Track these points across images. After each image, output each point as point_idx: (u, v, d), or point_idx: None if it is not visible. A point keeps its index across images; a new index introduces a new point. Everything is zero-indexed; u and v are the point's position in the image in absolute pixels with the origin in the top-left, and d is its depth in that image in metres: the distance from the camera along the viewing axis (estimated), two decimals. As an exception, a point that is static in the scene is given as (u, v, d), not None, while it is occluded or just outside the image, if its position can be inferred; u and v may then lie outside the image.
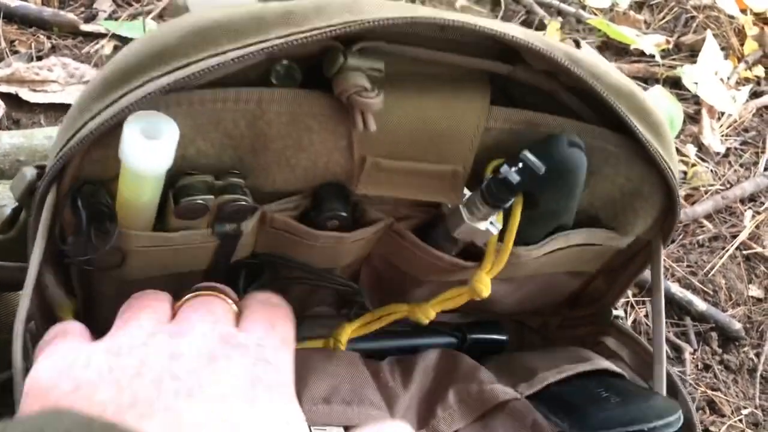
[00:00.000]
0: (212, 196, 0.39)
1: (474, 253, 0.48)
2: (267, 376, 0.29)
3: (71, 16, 1.01)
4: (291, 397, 0.30)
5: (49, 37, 0.99)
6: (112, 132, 0.36)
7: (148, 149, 0.35)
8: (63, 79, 0.93)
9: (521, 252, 0.47)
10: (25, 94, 0.91)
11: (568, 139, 0.41)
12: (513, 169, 0.41)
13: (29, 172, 0.41)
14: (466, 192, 0.44)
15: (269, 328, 0.32)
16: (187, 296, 0.34)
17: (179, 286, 0.46)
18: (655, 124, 0.44)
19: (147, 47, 0.36)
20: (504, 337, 0.57)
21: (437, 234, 0.47)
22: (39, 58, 0.96)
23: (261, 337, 0.31)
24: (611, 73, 0.42)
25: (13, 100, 0.90)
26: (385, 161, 0.41)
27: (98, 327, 0.43)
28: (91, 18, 1.03)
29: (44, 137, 0.78)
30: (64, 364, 0.29)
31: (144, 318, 0.32)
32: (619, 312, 0.57)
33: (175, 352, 0.29)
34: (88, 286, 0.44)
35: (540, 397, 0.48)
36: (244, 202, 0.40)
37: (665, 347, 0.51)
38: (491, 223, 0.44)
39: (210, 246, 0.42)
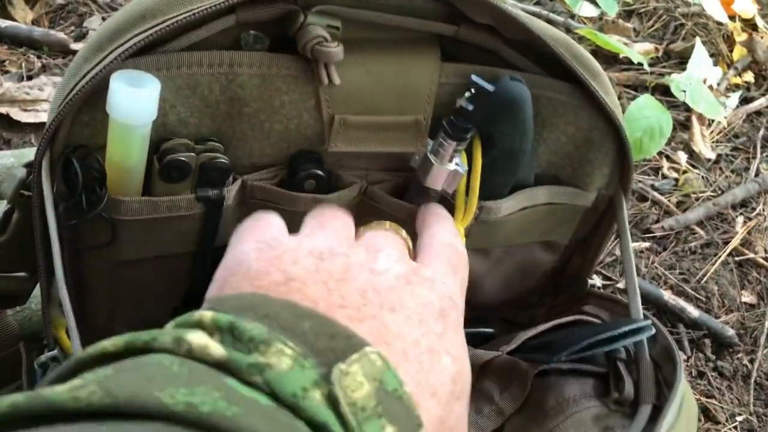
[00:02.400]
0: (194, 154, 0.42)
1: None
2: (451, 313, 0.31)
3: (61, 35, 1.02)
4: (464, 340, 0.31)
5: (39, 57, 1.00)
6: (99, 94, 0.39)
7: (134, 97, 0.38)
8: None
9: (491, 206, 0.49)
10: (16, 113, 0.91)
11: (509, 76, 0.45)
12: (466, 95, 0.44)
13: (19, 172, 0.43)
14: (430, 142, 0.47)
15: (451, 272, 0.33)
16: (370, 224, 0.36)
17: (168, 272, 0.48)
18: (596, 71, 0.47)
19: (130, 11, 0.41)
20: (491, 330, 0.58)
21: (411, 192, 0.49)
22: (29, 78, 0.97)
23: (444, 276, 0.32)
24: (547, 26, 0.46)
25: (3, 119, 0.91)
26: (351, 117, 0.45)
27: (89, 322, 0.43)
28: (81, 37, 1.04)
29: (34, 157, 0.78)
30: (273, 255, 0.30)
31: (336, 227, 0.33)
32: (595, 281, 0.58)
33: (375, 269, 0.30)
34: (78, 280, 0.45)
35: (520, 350, 0.50)
36: (224, 161, 0.43)
37: (637, 283, 0.51)
38: (457, 164, 0.46)
39: (195, 216, 0.45)
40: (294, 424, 0.22)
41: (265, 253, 0.30)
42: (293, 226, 0.48)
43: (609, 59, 1.21)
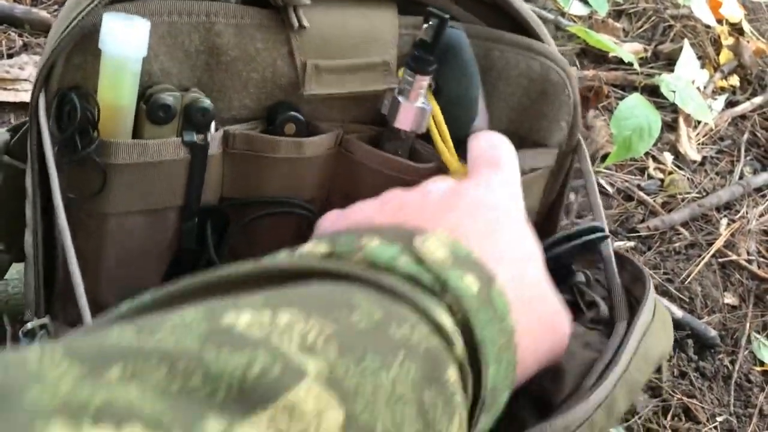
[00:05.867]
0: (178, 94, 0.45)
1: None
2: (500, 204, 0.37)
3: (44, 13, 0.99)
4: (522, 216, 0.38)
5: (20, 35, 0.97)
6: (90, 37, 0.42)
7: (126, 30, 0.41)
8: (34, 78, 0.91)
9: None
10: (-5, 92, 0.89)
11: (449, 24, 0.47)
12: (424, 26, 0.47)
13: (2, 136, 0.43)
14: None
15: (492, 172, 0.40)
16: None
17: (156, 230, 0.49)
18: (542, 25, 0.50)
19: None
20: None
21: (383, 139, 0.51)
22: (10, 56, 0.94)
23: (487, 180, 0.39)
24: None
25: (-18, 98, 0.88)
26: (323, 62, 0.48)
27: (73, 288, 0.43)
28: (64, 16, 1.01)
29: (14, 137, 0.76)
30: (344, 215, 0.40)
31: (389, 194, 0.42)
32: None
33: (425, 192, 0.38)
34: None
35: None
36: (207, 102, 0.45)
37: (601, 204, 0.53)
38: (423, 102, 0.49)
39: (182, 162, 0.46)
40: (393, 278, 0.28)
41: (338, 217, 0.40)
42: (278, 175, 0.50)
43: (598, 58, 1.21)
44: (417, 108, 0.48)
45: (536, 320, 0.34)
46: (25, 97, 0.89)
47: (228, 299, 0.24)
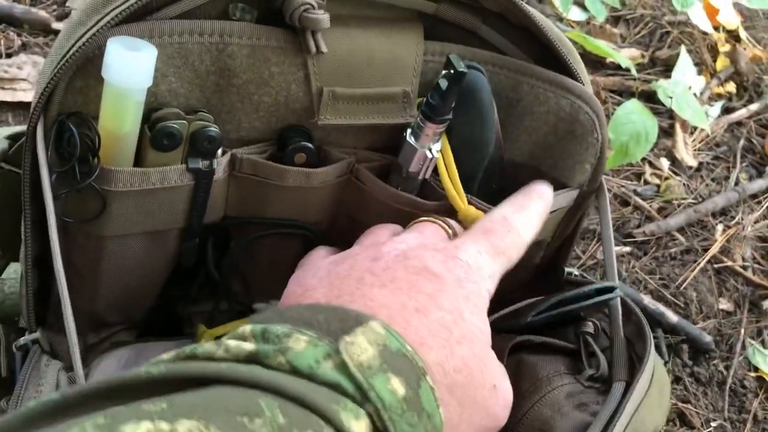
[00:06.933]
0: (185, 121, 0.43)
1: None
2: (448, 274, 0.35)
3: (43, 13, 0.99)
4: (468, 293, 0.35)
5: (19, 35, 0.97)
6: (93, 61, 0.40)
7: (131, 60, 0.38)
8: (33, 78, 0.91)
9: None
10: (-7, 91, 0.89)
11: (467, 63, 0.45)
12: (443, 72, 0.44)
13: (0, 143, 0.42)
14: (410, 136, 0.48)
15: (479, 238, 0.38)
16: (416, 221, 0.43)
17: (155, 249, 0.48)
18: (577, 58, 0.48)
19: None
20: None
21: (391, 170, 0.50)
22: (8, 56, 0.94)
23: (462, 243, 0.37)
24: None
25: (-20, 97, 0.88)
26: (340, 89, 0.45)
27: (71, 302, 0.43)
28: (63, 16, 1.01)
29: (12, 136, 0.76)
30: (301, 276, 0.40)
31: (369, 238, 0.42)
32: (572, 269, 0.57)
33: (376, 256, 0.37)
34: (64, 258, 0.44)
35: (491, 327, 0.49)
36: (215, 129, 0.43)
37: (615, 258, 0.52)
38: (430, 149, 0.47)
39: (185, 188, 0.45)
40: (310, 385, 0.28)
41: (296, 278, 0.40)
42: (285, 200, 0.49)
43: (595, 64, 1.21)
44: (423, 153, 0.47)
45: (470, 403, 0.34)
46: (23, 96, 0.89)
47: (132, 406, 0.24)
